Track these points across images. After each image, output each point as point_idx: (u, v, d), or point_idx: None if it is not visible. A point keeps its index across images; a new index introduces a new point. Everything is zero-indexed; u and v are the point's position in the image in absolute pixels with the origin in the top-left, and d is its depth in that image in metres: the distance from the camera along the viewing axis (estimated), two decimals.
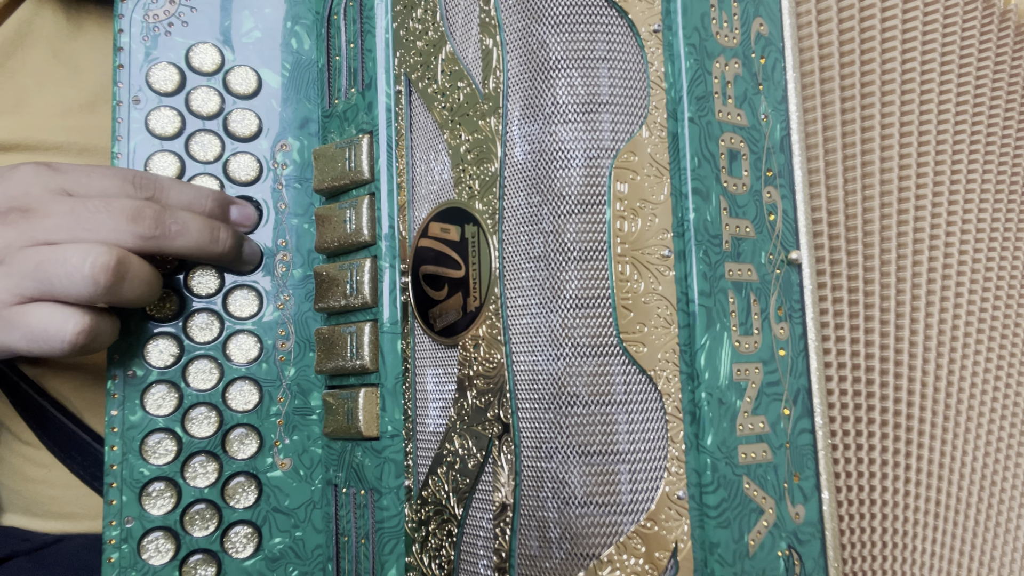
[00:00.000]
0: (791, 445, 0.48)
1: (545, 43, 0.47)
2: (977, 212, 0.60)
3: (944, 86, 0.60)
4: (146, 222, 0.51)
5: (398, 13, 0.55)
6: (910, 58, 0.58)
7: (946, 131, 0.59)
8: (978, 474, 0.58)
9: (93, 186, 0.52)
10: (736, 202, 0.48)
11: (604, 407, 0.44)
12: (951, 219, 0.59)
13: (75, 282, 0.48)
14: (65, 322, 0.49)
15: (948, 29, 0.60)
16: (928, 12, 0.59)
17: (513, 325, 0.46)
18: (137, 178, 0.54)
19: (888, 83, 0.57)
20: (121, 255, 0.49)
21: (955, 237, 0.59)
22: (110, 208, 0.51)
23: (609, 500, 0.44)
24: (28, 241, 0.50)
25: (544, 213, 0.46)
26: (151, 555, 0.55)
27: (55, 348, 0.50)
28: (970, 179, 0.60)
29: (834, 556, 0.49)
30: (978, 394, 0.58)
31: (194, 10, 0.61)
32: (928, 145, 0.58)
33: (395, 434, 0.53)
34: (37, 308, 0.49)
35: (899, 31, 0.57)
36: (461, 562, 0.49)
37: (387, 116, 0.55)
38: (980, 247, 0.61)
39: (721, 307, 0.46)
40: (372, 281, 0.54)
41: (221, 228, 0.55)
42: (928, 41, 0.59)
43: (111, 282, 0.49)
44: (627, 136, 0.46)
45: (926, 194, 0.58)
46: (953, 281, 0.59)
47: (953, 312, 0.59)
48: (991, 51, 0.62)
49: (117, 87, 0.58)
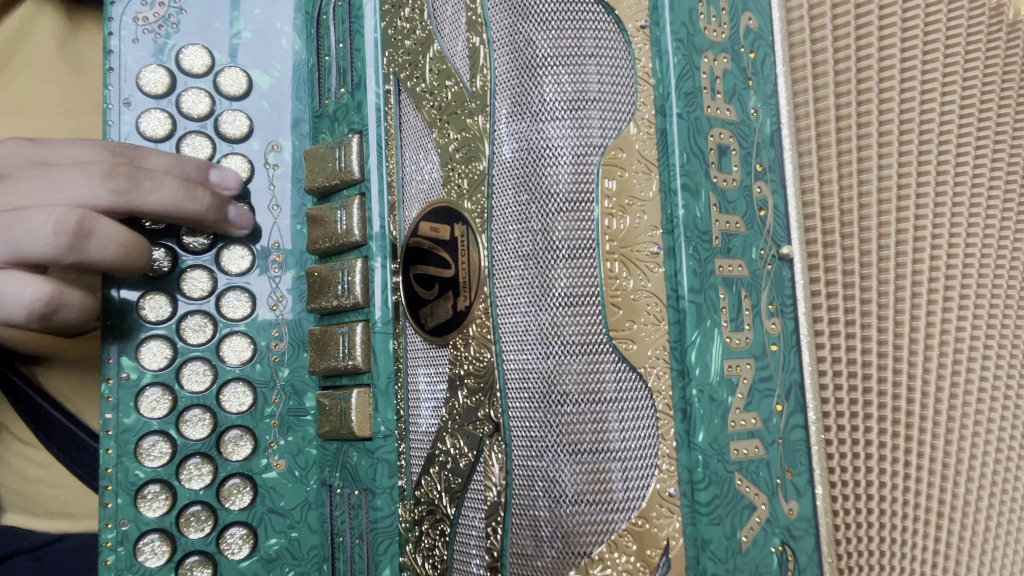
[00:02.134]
0: (784, 441, 0.48)
1: (532, 40, 0.46)
2: (985, 209, 0.60)
3: (948, 85, 0.59)
4: (120, 178, 0.50)
5: (386, 12, 0.55)
6: (910, 56, 0.57)
7: (950, 129, 0.59)
8: (976, 471, 0.58)
9: (71, 155, 0.52)
10: (726, 198, 0.48)
11: (594, 405, 0.44)
12: (955, 218, 0.59)
13: (38, 240, 0.48)
14: (23, 288, 0.48)
15: (952, 30, 0.60)
16: (930, 12, 0.58)
17: (503, 324, 0.46)
18: (116, 147, 0.53)
19: (887, 80, 0.57)
20: (84, 213, 0.48)
21: (960, 237, 0.59)
22: (84, 169, 0.50)
23: (600, 498, 0.44)
24: (2, 206, 0.49)
25: (533, 211, 0.46)
26: (147, 557, 0.55)
27: (14, 316, 0.49)
28: (976, 178, 0.60)
29: (828, 552, 0.49)
30: (975, 391, 0.58)
31: (184, 12, 0.60)
32: (930, 145, 0.58)
33: (388, 434, 0.53)
34: (2, 273, 0.49)
35: (899, 28, 0.57)
36: (454, 562, 0.49)
37: (376, 116, 0.55)
38: (984, 245, 0.60)
39: (711, 303, 0.46)
40: (363, 281, 0.54)
41: (199, 188, 0.54)
42: (930, 42, 0.58)
43: (72, 240, 0.48)
44: (615, 133, 0.46)
45: (928, 192, 0.57)
46: (957, 282, 0.58)
47: (958, 312, 0.58)
48: (1000, 50, 0.61)
49: (107, 90, 0.58)
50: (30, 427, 0.73)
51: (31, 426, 0.73)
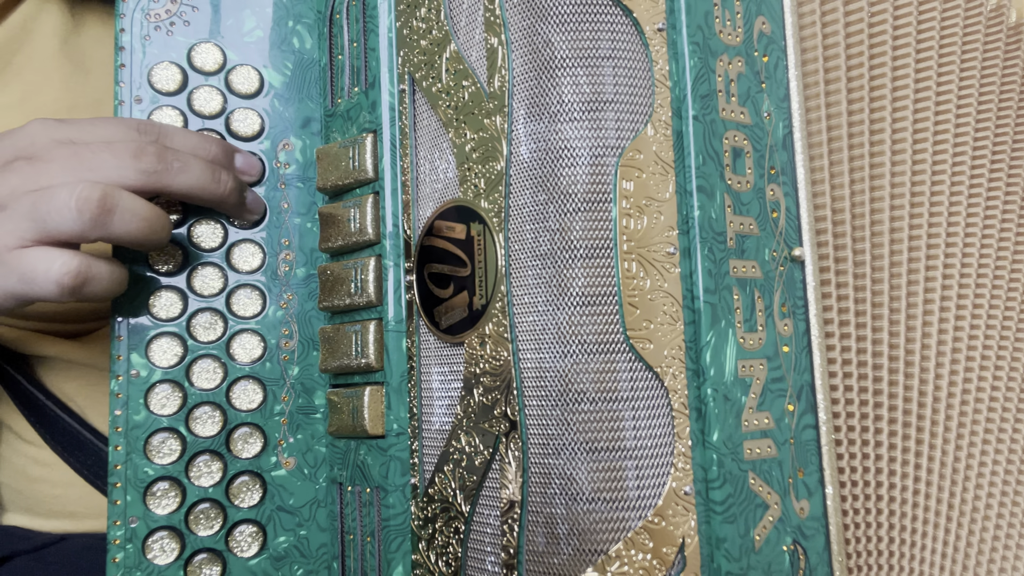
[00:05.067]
0: (795, 441, 0.49)
1: (550, 42, 0.47)
2: (1002, 212, 0.60)
3: (965, 92, 0.59)
4: (148, 158, 0.51)
5: (401, 12, 0.55)
6: (925, 67, 0.58)
7: (965, 138, 0.59)
8: (988, 467, 0.58)
9: (98, 133, 0.53)
10: (740, 199, 0.48)
11: (611, 404, 0.45)
12: (971, 218, 0.59)
13: (64, 217, 0.48)
14: (52, 262, 0.49)
15: (970, 35, 0.60)
16: (947, 17, 0.59)
17: (520, 323, 0.47)
18: (142, 125, 0.54)
19: (900, 88, 0.57)
20: (107, 188, 0.49)
21: (975, 237, 0.59)
22: (112, 148, 0.51)
23: (616, 496, 0.44)
24: (31, 186, 0.50)
25: (550, 211, 0.46)
26: (156, 555, 0.55)
27: (45, 290, 0.49)
28: (992, 184, 0.60)
29: (838, 550, 0.49)
30: (986, 396, 0.59)
31: (195, 9, 0.61)
32: (945, 154, 0.58)
33: (401, 432, 0.53)
34: (32, 251, 0.49)
35: (913, 38, 0.57)
36: (468, 559, 0.49)
37: (391, 115, 0.55)
38: (1000, 247, 0.60)
39: (726, 304, 0.46)
40: (377, 280, 0.54)
41: (223, 171, 0.55)
42: (946, 45, 0.59)
43: (96, 214, 0.49)
44: (632, 134, 0.46)
45: (942, 200, 0.57)
46: (971, 288, 0.58)
47: (971, 314, 0.59)
48: (1020, 59, 0.62)
49: (119, 86, 0.58)
50: (34, 426, 0.72)
51: (35, 425, 0.72)
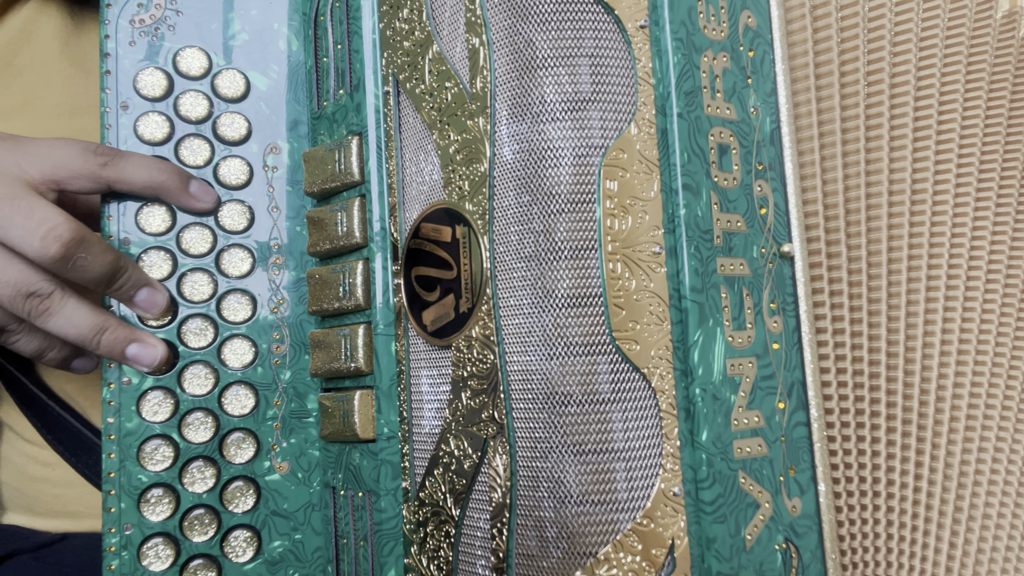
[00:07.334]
0: (786, 439, 0.48)
1: (532, 41, 0.46)
2: (1015, 215, 0.59)
3: (972, 91, 0.58)
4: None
5: (384, 13, 0.55)
6: (928, 65, 0.57)
7: (974, 135, 0.58)
8: (986, 464, 0.58)
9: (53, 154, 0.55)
10: (727, 197, 0.48)
11: (598, 405, 0.44)
12: (979, 222, 0.58)
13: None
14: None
15: (977, 32, 0.59)
16: (954, 16, 0.58)
17: (506, 325, 0.46)
18: (98, 148, 0.56)
19: (901, 85, 0.56)
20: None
21: (983, 238, 0.58)
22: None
23: (605, 498, 0.44)
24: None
25: (534, 212, 0.46)
26: (151, 561, 0.55)
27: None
28: (1004, 185, 0.59)
29: (831, 548, 0.49)
30: (982, 392, 0.58)
31: (180, 14, 0.60)
32: (950, 152, 0.57)
33: (391, 436, 0.53)
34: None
35: (915, 34, 0.56)
36: (459, 563, 0.49)
37: (376, 117, 0.55)
38: (1009, 251, 0.60)
39: (713, 302, 0.46)
40: (365, 283, 0.54)
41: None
42: (951, 45, 0.58)
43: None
44: (616, 133, 0.46)
45: (947, 200, 0.57)
46: (981, 287, 0.57)
47: (983, 313, 0.58)
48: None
49: (105, 93, 0.58)
50: (35, 426, 0.73)
51: (37, 425, 0.72)
